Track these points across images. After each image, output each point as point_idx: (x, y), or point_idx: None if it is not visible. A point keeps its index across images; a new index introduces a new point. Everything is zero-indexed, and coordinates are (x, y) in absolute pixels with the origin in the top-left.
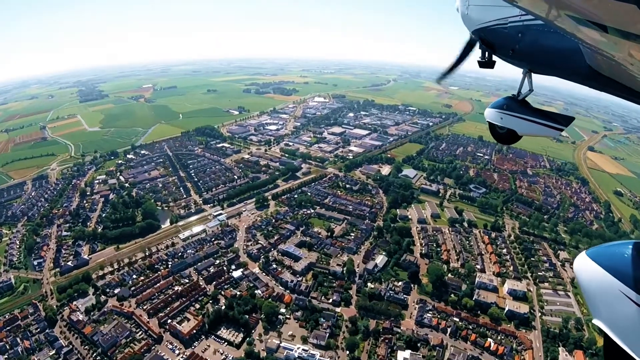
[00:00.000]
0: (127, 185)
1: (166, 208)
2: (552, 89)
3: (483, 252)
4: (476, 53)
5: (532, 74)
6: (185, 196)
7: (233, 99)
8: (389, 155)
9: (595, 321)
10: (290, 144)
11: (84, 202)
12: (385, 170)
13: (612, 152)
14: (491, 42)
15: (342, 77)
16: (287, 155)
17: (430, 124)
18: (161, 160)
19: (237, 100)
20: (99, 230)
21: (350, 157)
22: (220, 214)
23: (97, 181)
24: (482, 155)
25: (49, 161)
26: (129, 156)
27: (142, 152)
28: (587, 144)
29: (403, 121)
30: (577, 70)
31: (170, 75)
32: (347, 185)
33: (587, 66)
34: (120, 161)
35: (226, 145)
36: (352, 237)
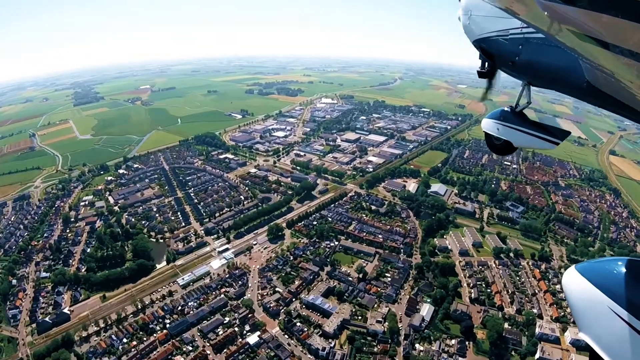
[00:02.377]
0: (116, 209)
1: (161, 240)
2: None
3: (537, 291)
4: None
5: (531, 87)
6: (183, 224)
7: (235, 101)
8: (412, 167)
9: (582, 335)
10: (302, 153)
11: (67, 231)
12: (412, 185)
13: (633, 155)
14: (491, 53)
15: (346, 75)
16: (299, 168)
17: (448, 127)
18: (156, 176)
19: (240, 102)
20: (83, 270)
21: (371, 170)
22: (227, 249)
23: (83, 203)
24: (509, 164)
25: (33, 176)
26: (121, 171)
27: (135, 165)
28: (607, 147)
29: (419, 124)
30: (576, 85)
31: (168, 75)
32: (373, 207)
33: (587, 82)
34: (110, 177)
35: (229, 156)
36: (389, 278)
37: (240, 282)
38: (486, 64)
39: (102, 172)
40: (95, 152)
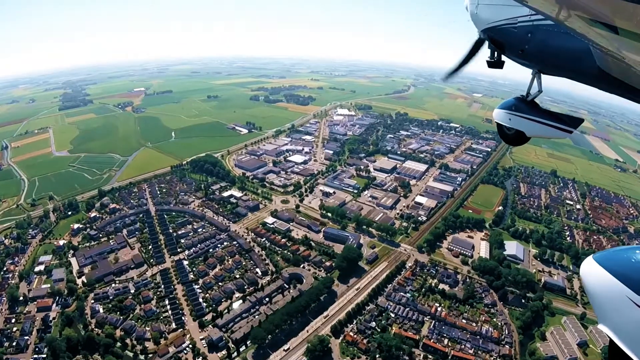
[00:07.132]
0: (79, 283)
1: (142, 357)
2: (567, 94)
3: None
4: (484, 53)
5: (542, 75)
6: (174, 323)
7: (239, 110)
8: (470, 211)
9: (601, 326)
10: (330, 190)
11: (13, 321)
12: (482, 245)
13: None
14: (500, 41)
15: (356, 81)
16: (330, 215)
17: (489, 149)
18: (138, 225)
19: (244, 111)
20: None
21: (424, 219)
22: None
23: (39, 268)
24: (571, 203)
25: None
26: (92, 214)
27: (112, 205)
28: None
29: (456, 145)
30: (586, 71)
31: (166, 76)
32: (444, 287)
33: (597, 67)
34: (77, 225)
35: (236, 194)
36: None
37: None
38: (495, 53)
39: (69, 213)
40: (69, 177)
